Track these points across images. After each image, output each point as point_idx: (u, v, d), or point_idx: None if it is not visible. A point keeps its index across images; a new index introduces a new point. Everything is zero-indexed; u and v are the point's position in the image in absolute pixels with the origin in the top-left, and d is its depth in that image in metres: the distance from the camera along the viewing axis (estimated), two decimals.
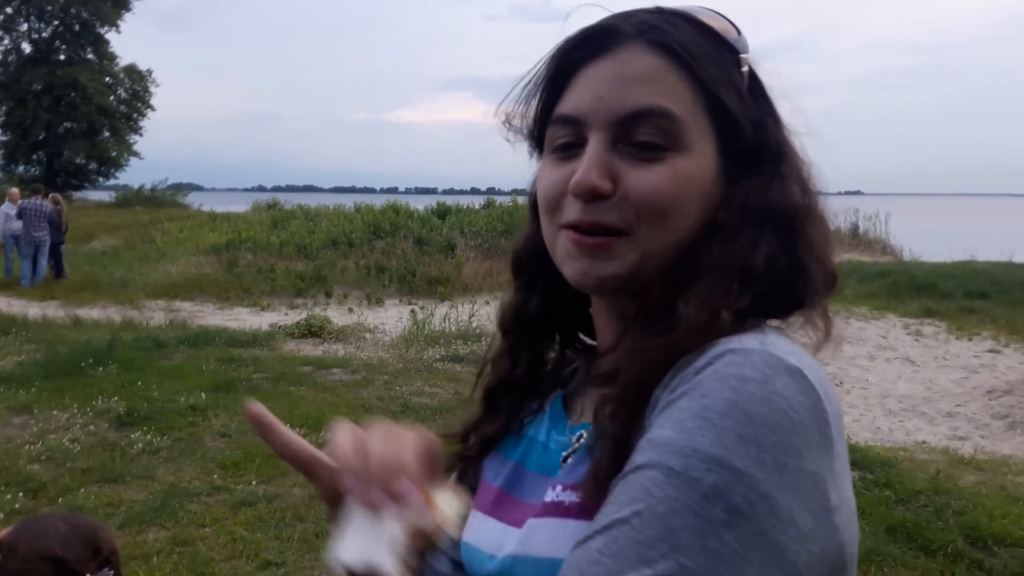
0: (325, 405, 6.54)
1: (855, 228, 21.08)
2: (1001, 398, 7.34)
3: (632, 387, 0.67)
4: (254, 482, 4.94)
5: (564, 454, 0.78)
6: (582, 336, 0.91)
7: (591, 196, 0.70)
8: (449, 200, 23.04)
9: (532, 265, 0.87)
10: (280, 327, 10.37)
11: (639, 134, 0.70)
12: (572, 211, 0.72)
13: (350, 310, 12.82)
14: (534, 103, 0.80)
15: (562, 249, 0.75)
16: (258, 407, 0.64)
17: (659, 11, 0.74)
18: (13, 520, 1.85)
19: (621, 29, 0.73)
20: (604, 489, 0.62)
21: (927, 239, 17.52)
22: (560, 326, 0.90)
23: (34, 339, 9.06)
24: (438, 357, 8.64)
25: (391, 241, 17.75)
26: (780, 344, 0.63)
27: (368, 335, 10.38)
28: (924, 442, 6.22)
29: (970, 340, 9.83)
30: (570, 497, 0.70)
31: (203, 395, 6.62)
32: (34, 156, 40.67)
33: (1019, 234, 23.82)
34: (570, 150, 0.74)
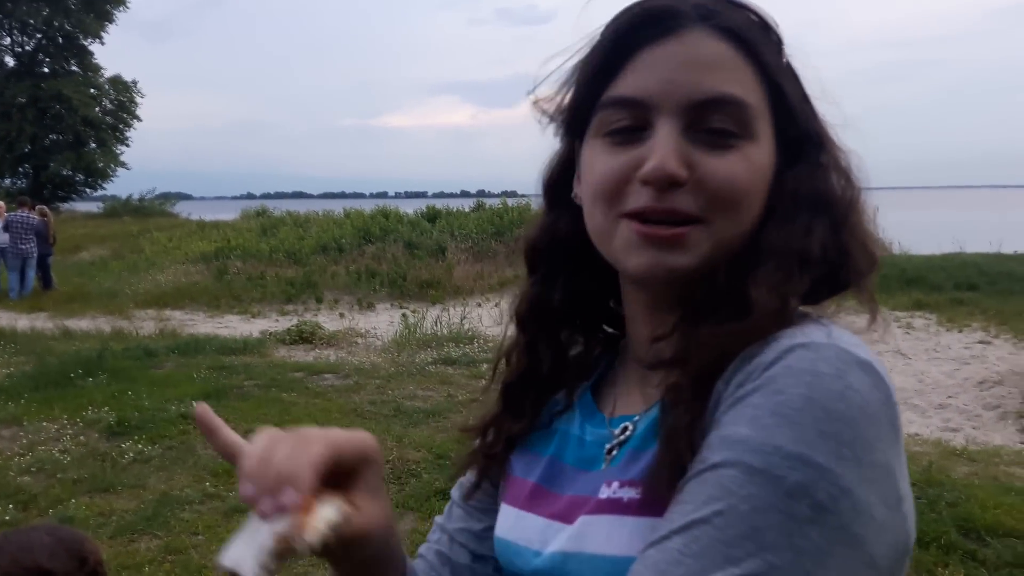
0: (317, 411, 6.51)
1: None
2: (992, 389, 7.37)
3: (705, 375, 0.65)
4: None
5: (608, 446, 0.76)
6: (605, 327, 0.90)
7: (669, 184, 0.68)
8: (439, 204, 23.02)
9: (551, 256, 0.85)
10: (271, 334, 10.34)
11: (713, 121, 0.69)
12: (640, 198, 0.69)
13: (341, 315, 12.78)
14: (581, 85, 0.76)
15: (623, 239, 0.71)
16: (204, 408, 0.66)
17: None
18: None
19: (682, 11, 0.71)
20: (675, 484, 0.61)
21: (916, 232, 17.60)
22: (582, 317, 0.88)
23: (23, 351, 9.01)
24: (430, 360, 8.63)
25: (381, 246, 17.73)
26: (846, 337, 0.63)
27: (359, 340, 10.36)
28: (916, 434, 6.23)
29: (960, 332, 9.88)
30: (628, 494, 0.68)
31: (194, 403, 6.45)
32: (20, 169, 40.46)
33: (1007, 225, 23.94)
34: (629, 134, 0.71)
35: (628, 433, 0.75)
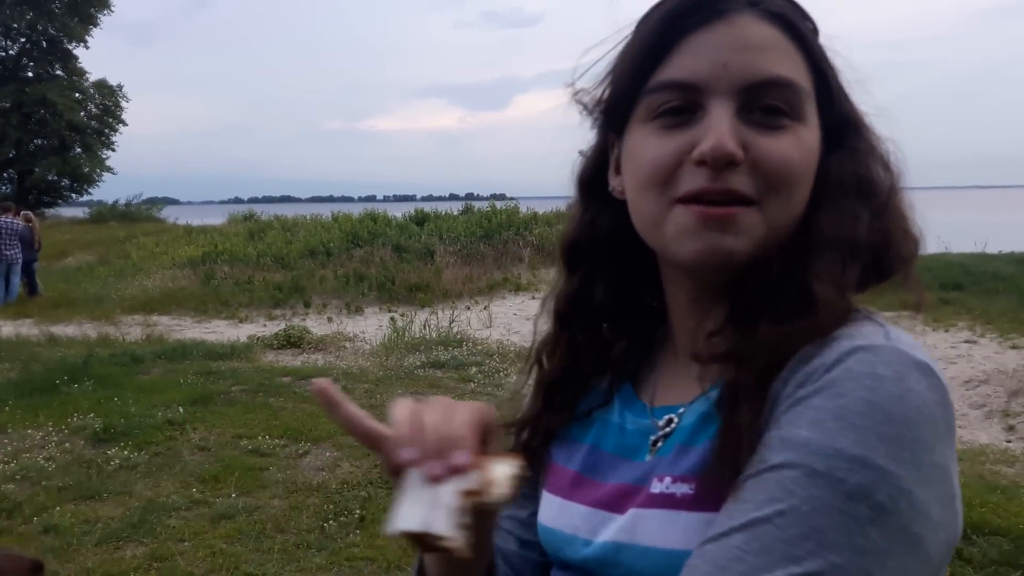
0: (305, 416, 6.49)
1: None
2: (978, 388, 7.40)
3: (767, 373, 0.65)
4: (234, 495, 4.89)
5: (653, 438, 0.77)
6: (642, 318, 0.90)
7: (727, 164, 0.67)
8: (428, 207, 23.02)
9: (591, 253, 0.84)
10: (258, 339, 10.28)
11: (766, 103, 0.69)
12: (695, 179, 0.68)
13: (329, 319, 12.74)
14: (625, 73, 0.74)
15: (677, 225, 0.70)
16: (324, 382, 0.66)
17: None
18: None
19: None
20: (732, 480, 0.62)
21: None
22: (623, 312, 0.87)
23: (7, 358, 8.91)
24: (419, 364, 8.61)
25: (369, 249, 17.68)
26: (904, 338, 0.64)
27: (348, 344, 10.32)
28: None
29: (947, 331, 9.92)
30: (681, 489, 0.68)
31: (181, 409, 6.54)
32: (4, 174, 40.16)
33: (991, 225, 24.12)
34: (679, 116, 0.70)
35: (673, 426, 0.75)
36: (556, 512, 0.81)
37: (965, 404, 7.06)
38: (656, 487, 0.71)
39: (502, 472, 0.63)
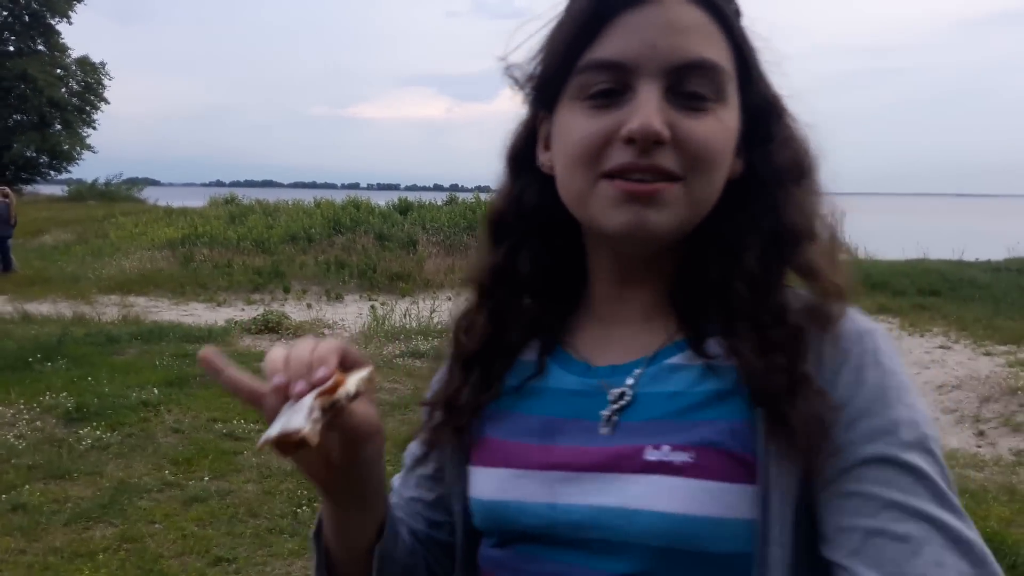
0: None
1: None
2: (950, 393, 7.49)
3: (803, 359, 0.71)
4: (206, 478, 4.86)
5: (606, 413, 0.76)
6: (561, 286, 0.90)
7: (653, 142, 0.69)
8: (412, 196, 22.93)
9: (518, 226, 0.85)
10: (236, 323, 10.22)
11: (691, 84, 0.71)
12: (622, 155, 0.71)
13: (308, 306, 12.68)
14: (556, 51, 0.76)
15: (604, 199, 0.72)
16: (210, 350, 0.70)
17: None
18: None
19: None
20: (815, 463, 0.67)
21: (881, 238, 17.88)
22: (546, 284, 0.86)
23: None
24: (398, 353, 8.59)
25: (351, 237, 17.60)
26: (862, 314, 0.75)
27: (327, 331, 10.29)
28: None
29: (922, 336, 10.03)
30: (681, 457, 0.70)
31: (155, 391, 6.49)
32: None
33: (969, 233, 24.42)
34: (609, 97, 0.72)
35: (628, 399, 0.76)
36: (502, 484, 0.79)
37: (937, 409, 7.13)
38: (652, 455, 0.71)
39: (355, 377, 0.69)
